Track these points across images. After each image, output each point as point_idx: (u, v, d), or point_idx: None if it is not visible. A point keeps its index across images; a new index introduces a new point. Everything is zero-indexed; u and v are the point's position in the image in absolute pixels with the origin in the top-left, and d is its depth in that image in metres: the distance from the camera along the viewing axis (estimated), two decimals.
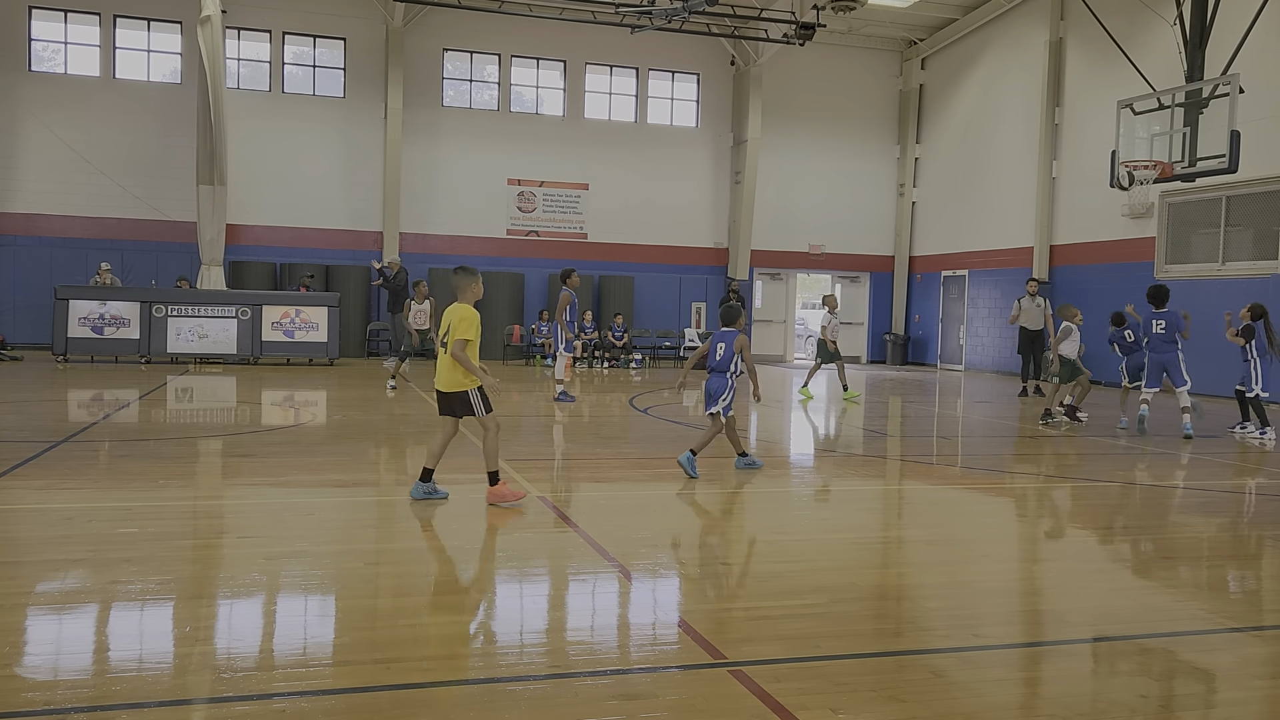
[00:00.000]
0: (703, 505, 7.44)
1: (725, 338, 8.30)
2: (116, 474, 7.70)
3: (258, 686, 3.49)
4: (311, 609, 4.50)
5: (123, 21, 22.74)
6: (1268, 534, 6.67)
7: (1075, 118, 21.88)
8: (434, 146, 24.39)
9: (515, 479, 7.81)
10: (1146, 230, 19.81)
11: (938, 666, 3.91)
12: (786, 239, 27.01)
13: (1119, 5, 19.79)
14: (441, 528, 6.31)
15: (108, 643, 3.98)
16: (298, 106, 23.77)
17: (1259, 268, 17.33)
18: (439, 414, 6.90)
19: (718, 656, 3.90)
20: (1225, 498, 8.11)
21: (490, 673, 3.73)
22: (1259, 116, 16.68)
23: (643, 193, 25.79)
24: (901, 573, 5.52)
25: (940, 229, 26.63)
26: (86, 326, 19.07)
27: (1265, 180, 17.10)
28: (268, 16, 23.37)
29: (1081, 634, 4.44)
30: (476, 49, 24.77)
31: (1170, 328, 11.71)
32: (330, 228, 23.94)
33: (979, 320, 24.86)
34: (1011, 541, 6.55)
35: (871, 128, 27.56)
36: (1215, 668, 4.02)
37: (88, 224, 22.49)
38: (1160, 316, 11.77)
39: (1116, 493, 8.28)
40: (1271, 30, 16.69)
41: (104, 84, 22.66)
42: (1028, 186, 22.95)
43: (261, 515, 6.60)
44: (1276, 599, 5.28)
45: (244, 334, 19.56)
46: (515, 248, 25.08)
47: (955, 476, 9.01)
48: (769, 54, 25.09)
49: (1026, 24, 23.19)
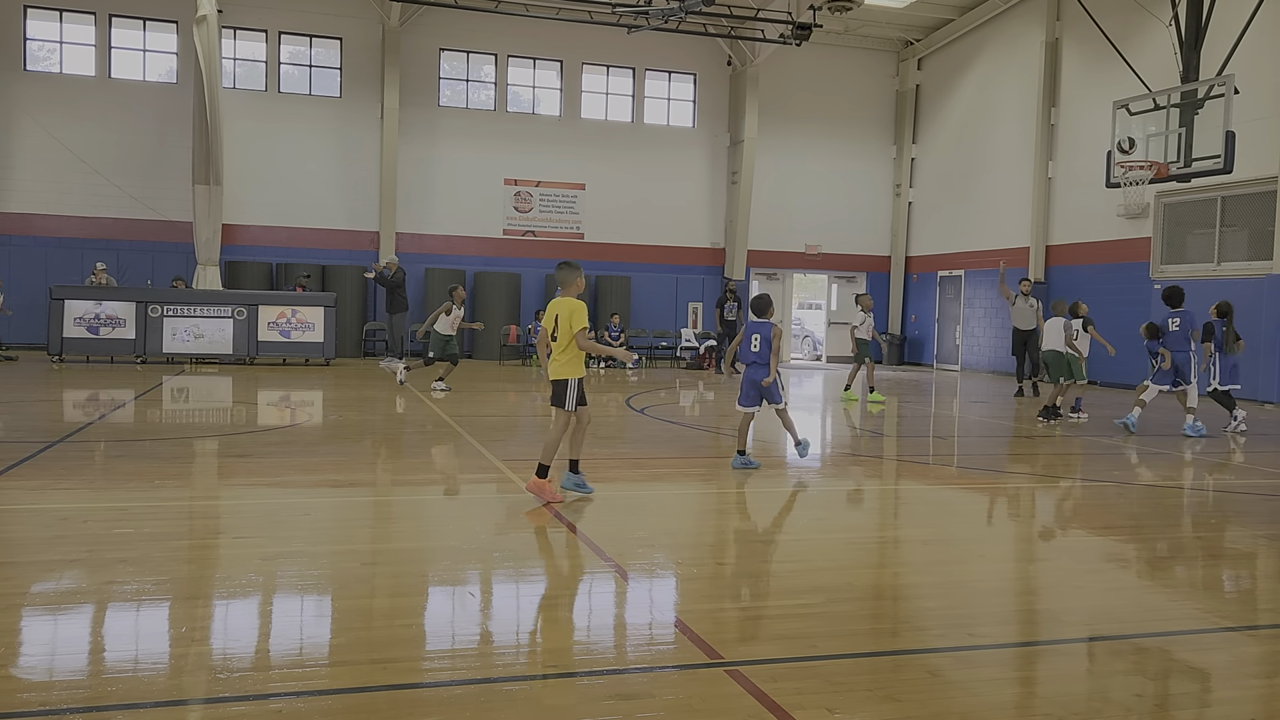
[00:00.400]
0: (699, 505, 7.45)
1: (760, 329, 8.55)
2: (112, 474, 7.69)
3: (254, 687, 3.49)
4: (308, 609, 4.49)
5: (118, 21, 22.72)
6: (1262, 534, 6.69)
7: (1071, 118, 21.92)
8: (430, 146, 24.38)
9: (514, 480, 7.81)
10: (1142, 230, 19.85)
11: (934, 666, 3.92)
12: (783, 239, 27.03)
13: (1115, 6, 19.83)
14: (438, 528, 6.31)
15: (103, 643, 3.97)
16: (294, 106, 23.75)
17: (1254, 268, 17.37)
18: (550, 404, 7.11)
19: (714, 656, 3.91)
20: (1220, 497, 8.13)
21: (486, 673, 3.73)
22: (1254, 117, 16.72)
23: (639, 193, 25.80)
24: (898, 572, 5.52)
25: (936, 229, 26.66)
26: (82, 326, 19.04)
27: (1260, 181, 17.14)
28: (264, 16, 23.35)
29: (1077, 633, 4.45)
30: (473, 49, 24.77)
31: (1185, 325, 11.89)
32: (326, 228, 23.93)
33: (975, 320, 24.89)
34: (1007, 541, 6.56)
35: (868, 128, 27.59)
36: (1210, 667, 4.03)
37: (83, 224, 22.47)
38: (1176, 315, 11.89)
39: (1112, 492, 8.30)
40: (1266, 31, 16.73)
41: (99, 84, 22.63)
42: (1023, 187, 22.98)
43: (258, 515, 6.60)
44: (1271, 598, 5.29)
45: (240, 334, 19.54)
46: (512, 248, 25.08)
47: (951, 476, 9.02)
48: (765, 54, 25.11)
49: (1022, 24, 23.23)
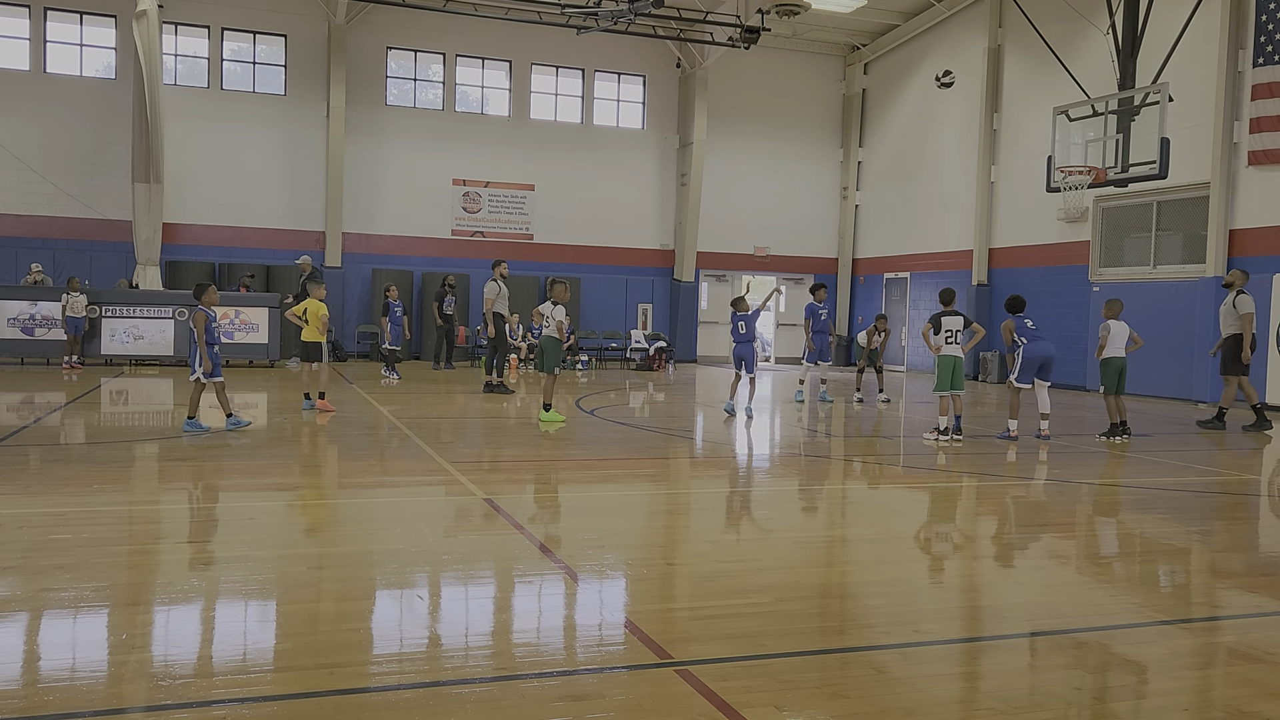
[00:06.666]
0: (648, 506, 7.46)
1: (746, 320, 13.08)
2: (48, 479, 7.49)
3: (196, 694, 3.43)
4: (252, 614, 4.42)
5: (54, 14, 22.15)
6: (1195, 529, 6.88)
7: (1013, 123, 22.34)
8: (377, 146, 24.12)
9: (463, 482, 7.76)
10: (1081, 234, 20.30)
11: (880, 663, 3.97)
12: (732, 241, 27.19)
13: (1055, 14, 20.25)
14: (386, 531, 6.25)
15: (39, 652, 3.87)
16: (237, 104, 23.35)
17: (1188, 271, 17.85)
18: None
19: (664, 656, 3.92)
20: (1155, 495, 8.34)
21: (436, 676, 3.70)
22: (1189, 124, 17.19)
23: (589, 194, 25.78)
24: (844, 571, 5.59)
25: (882, 232, 27.00)
26: (16, 327, 18.54)
27: (1194, 186, 17.62)
28: (206, 11, 22.93)
29: (1018, 629, 4.54)
30: (421, 47, 24.56)
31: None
32: (271, 227, 23.56)
33: (920, 322, 25.24)
34: (951, 539, 6.67)
35: (815, 131, 27.87)
36: (1146, 659, 4.13)
37: (17, 222, 21.86)
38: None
39: (1053, 491, 8.47)
40: (1200, 40, 17.21)
41: (34, 78, 22.04)
42: (967, 191, 23.38)
43: (200, 520, 6.48)
44: (1203, 593, 5.44)
45: (181, 335, 19.15)
46: (460, 248, 24.91)
47: (897, 476, 9.14)
48: (714, 57, 25.24)
49: (966, 31, 23.63)
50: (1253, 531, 7.11)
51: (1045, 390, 11.73)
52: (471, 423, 12.55)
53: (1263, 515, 7.71)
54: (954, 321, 11.20)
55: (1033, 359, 11.49)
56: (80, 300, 18.18)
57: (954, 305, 11.63)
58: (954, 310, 11.45)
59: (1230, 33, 16.85)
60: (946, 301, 11.65)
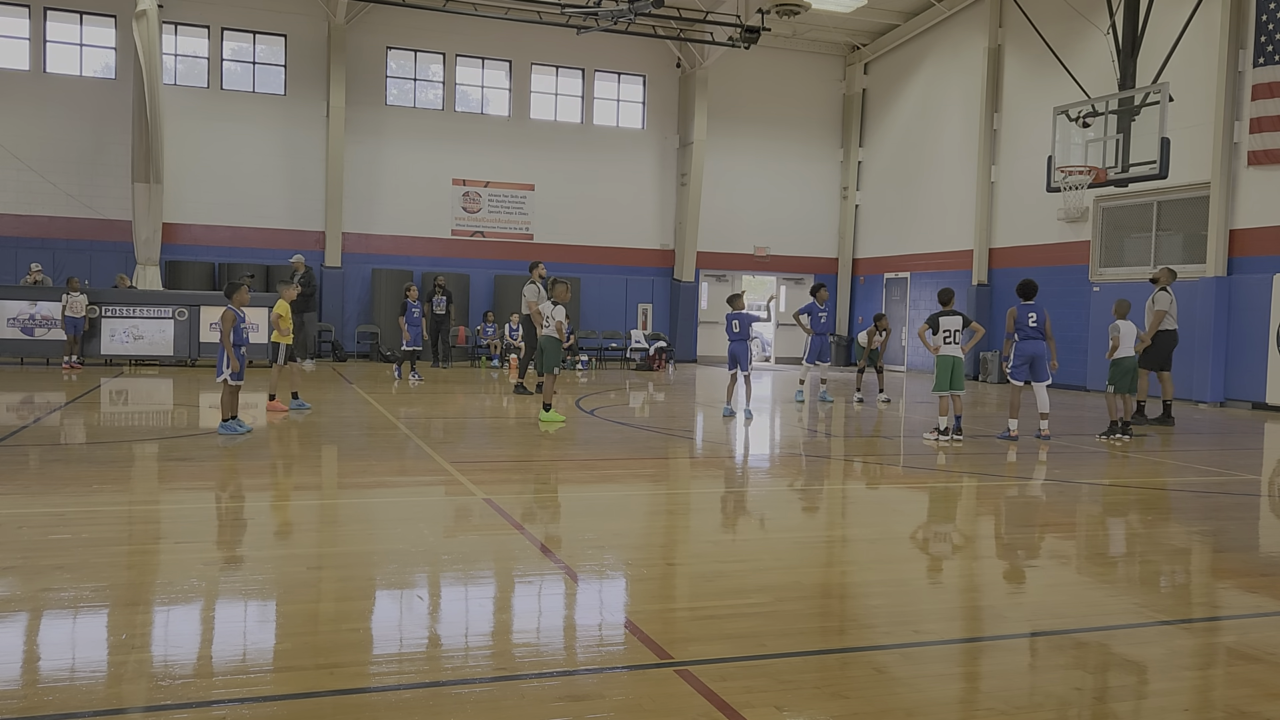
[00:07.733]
0: (648, 506, 7.46)
1: (739, 319, 12.80)
2: (48, 479, 7.49)
3: (196, 694, 3.42)
4: (252, 614, 4.42)
5: (54, 14, 22.15)
6: (1195, 529, 6.88)
7: (1013, 123, 22.34)
8: (377, 146, 24.13)
9: (462, 482, 7.76)
10: (1081, 234, 20.29)
11: (880, 663, 3.97)
12: (731, 241, 27.20)
13: (1055, 14, 20.25)
14: (385, 531, 6.24)
15: (39, 652, 3.87)
16: (237, 104, 23.35)
17: (1188, 270, 17.84)
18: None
19: (664, 656, 3.92)
20: (1157, 495, 8.33)
21: (435, 676, 3.70)
22: (1189, 124, 17.19)
23: (589, 194, 25.78)
24: (845, 571, 5.58)
25: (883, 232, 27.00)
26: (16, 327, 18.54)
27: (1194, 186, 17.62)
28: (206, 11, 22.94)
29: (1019, 629, 4.53)
30: (421, 47, 24.56)
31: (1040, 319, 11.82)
32: (271, 227, 23.56)
33: (921, 322, 25.23)
34: (951, 539, 6.67)
35: (815, 131, 27.86)
36: (1146, 660, 4.13)
37: (17, 222, 21.86)
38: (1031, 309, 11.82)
39: (1052, 491, 8.47)
40: (1200, 40, 17.21)
41: (34, 78, 22.04)
42: (967, 190, 23.37)
43: (199, 520, 6.47)
44: (1203, 593, 5.44)
45: (181, 335, 19.15)
46: (460, 248, 24.91)
47: (897, 476, 9.14)
48: (714, 57, 25.24)
49: (966, 31, 23.62)
50: (1253, 531, 7.11)
51: (1045, 390, 11.74)
52: (472, 423, 12.54)
53: (1263, 515, 7.70)
54: (952, 321, 11.20)
55: (1024, 355, 11.61)
56: (80, 300, 18.16)
57: (953, 305, 11.63)
58: (953, 310, 11.46)
59: (1230, 33, 16.85)
60: (945, 301, 11.67)
